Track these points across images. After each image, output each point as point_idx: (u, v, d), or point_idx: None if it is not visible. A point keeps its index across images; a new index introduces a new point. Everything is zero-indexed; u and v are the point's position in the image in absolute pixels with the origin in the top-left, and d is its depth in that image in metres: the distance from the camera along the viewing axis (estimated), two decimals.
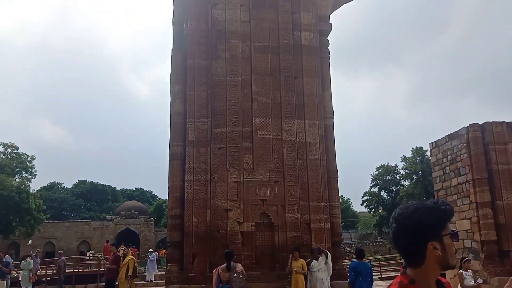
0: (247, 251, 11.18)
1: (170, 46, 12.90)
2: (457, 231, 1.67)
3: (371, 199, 55.84)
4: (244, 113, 12.01)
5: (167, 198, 12.44)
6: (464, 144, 15.11)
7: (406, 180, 55.43)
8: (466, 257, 10.36)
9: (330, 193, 12.07)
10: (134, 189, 77.64)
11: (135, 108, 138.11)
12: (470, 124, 15.06)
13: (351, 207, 73.33)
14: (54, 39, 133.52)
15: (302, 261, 10.44)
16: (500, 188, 14.32)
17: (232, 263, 8.86)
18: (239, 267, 8.97)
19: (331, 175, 12.25)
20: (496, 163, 14.43)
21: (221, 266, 8.99)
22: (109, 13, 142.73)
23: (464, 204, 15.21)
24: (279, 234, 11.43)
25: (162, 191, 71.98)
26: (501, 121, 14.87)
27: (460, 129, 15.45)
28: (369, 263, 13.81)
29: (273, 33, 12.61)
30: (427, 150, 40.04)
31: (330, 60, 13.29)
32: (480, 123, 15.04)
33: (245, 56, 12.40)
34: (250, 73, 12.30)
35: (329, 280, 10.50)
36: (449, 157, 16.12)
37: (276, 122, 12.10)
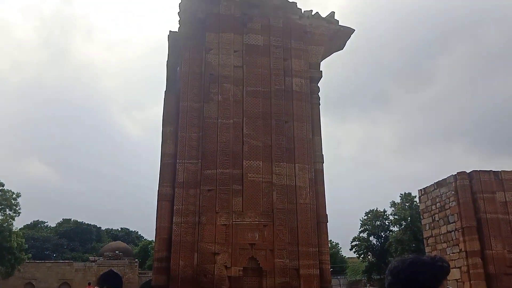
0: None
1: (162, 88, 13.10)
2: None
3: (360, 244, 55.21)
4: (234, 155, 12.05)
5: (154, 240, 12.20)
6: (453, 192, 15.23)
7: (395, 226, 55.09)
8: None
9: (319, 238, 11.95)
10: (119, 229, 75.94)
11: (125, 148, 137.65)
12: (458, 172, 15.25)
13: (340, 252, 72.25)
14: (48, 77, 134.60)
15: None
16: (489, 237, 14.33)
17: None
18: None
19: (321, 220, 12.17)
20: (485, 212, 14.51)
21: None
22: (102, 55, 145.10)
23: (454, 253, 15.12)
24: (267, 279, 11.18)
25: (148, 232, 70.50)
26: (489, 170, 15.09)
27: (448, 177, 15.62)
28: None
29: (265, 78, 12.89)
30: (415, 196, 40.15)
31: (320, 106, 13.56)
32: (467, 171, 15.23)
33: (237, 99, 12.60)
34: (242, 116, 12.46)
35: None
36: (437, 204, 16.18)
37: (267, 165, 12.14)
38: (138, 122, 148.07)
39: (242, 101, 12.60)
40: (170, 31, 13.61)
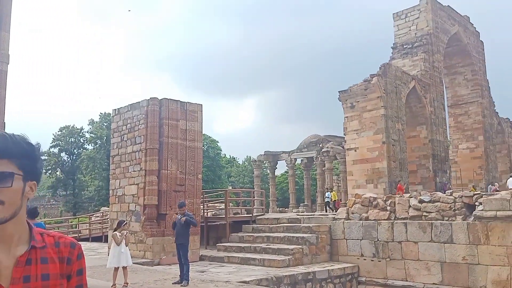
0: None
1: None
2: None
3: (50, 160, 52.57)
4: None
5: None
6: (144, 115, 16.10)
7: (90, 144, 55.07)
8: (124, 221, 11.05)
9: None
10: None
11: None
12: (150, 98, 16.16)
13: None
14: None
15: None
16: (167, 158, 16.04)
17: None
18: None
19: None
20: (167, 136, 16.05)
21: None
22: None
23: (135, 171, 16.26)
24: None
25: None
26: (177, 99, 16.63)
27: (142, 101, 16.36)
28: (43, 223, 13.08)
29: None
30: None
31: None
32: (160, 98, 16.35)
33: None
34: None
35: None
36: (128, 125, 16.82)
37: None
38: None
39: None
40: None
